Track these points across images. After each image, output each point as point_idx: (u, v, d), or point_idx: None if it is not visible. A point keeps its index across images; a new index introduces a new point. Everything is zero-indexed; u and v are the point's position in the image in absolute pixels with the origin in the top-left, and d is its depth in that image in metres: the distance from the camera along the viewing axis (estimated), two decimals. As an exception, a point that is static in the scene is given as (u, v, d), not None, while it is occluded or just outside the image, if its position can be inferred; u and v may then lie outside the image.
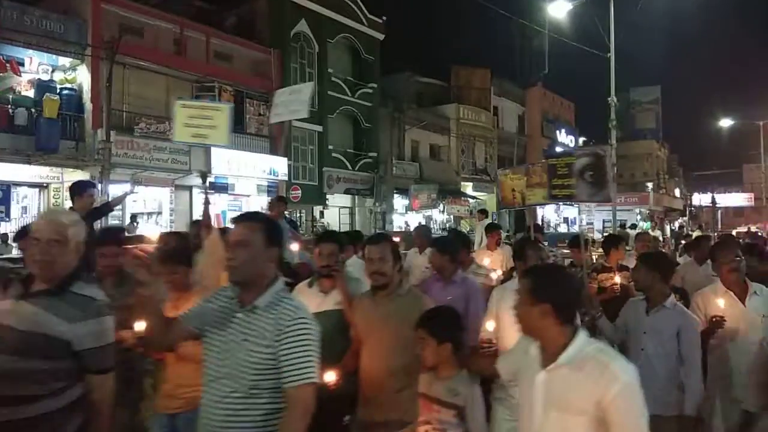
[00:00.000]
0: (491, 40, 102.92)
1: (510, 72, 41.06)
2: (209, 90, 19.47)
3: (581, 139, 49.23)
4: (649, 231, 19.15)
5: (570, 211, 43.13)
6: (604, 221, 32.71)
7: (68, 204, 6.43)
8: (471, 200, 30.27)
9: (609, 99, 15.48)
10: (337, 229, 23.13)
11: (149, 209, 18.62)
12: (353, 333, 3.26)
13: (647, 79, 71.06)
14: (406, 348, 2.84)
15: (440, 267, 4.20)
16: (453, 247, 4.33)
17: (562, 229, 35.98)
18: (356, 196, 26.51)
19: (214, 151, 19.20)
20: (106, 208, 6.41)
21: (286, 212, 8.89)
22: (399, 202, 27.67)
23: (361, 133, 26.76)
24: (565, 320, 2.08)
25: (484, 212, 12.60)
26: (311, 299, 3.40)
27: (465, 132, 32.56)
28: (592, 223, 32.11)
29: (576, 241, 6.11)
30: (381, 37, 27.52)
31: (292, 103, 5.17)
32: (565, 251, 11.04)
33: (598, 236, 19.18)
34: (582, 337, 2.08)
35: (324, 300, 3.53)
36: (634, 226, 24.86)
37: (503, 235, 10.21)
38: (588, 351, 2.03)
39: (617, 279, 5.32)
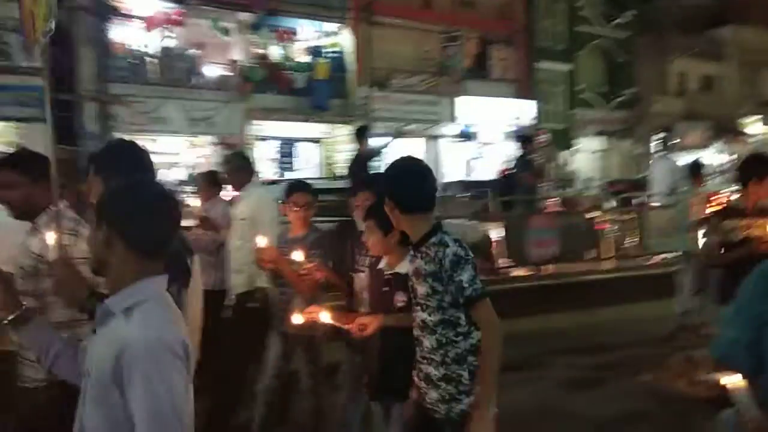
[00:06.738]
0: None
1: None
2: (455, 39, 19.89)
3: None
4: None
5: None
6: None
7: (339, 155, 7.60)
8: (752, 138, 25.82)
9: None
10: (587, 175, 22.02)
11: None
12: None
13: None
14: None
15: None
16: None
17: None
18: (611, 138, 24.71)
19: (458, 100, 19.48)
20: (370, 154, 7.47)
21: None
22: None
23: (615, 69, 24.64)
24: None
25: None
26: None
27: (747, 59, 27.58)
28: None
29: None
30: (640, -43, 24.54)
31: None
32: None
33: None
34: None
35: None
36: None
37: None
38: None
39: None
